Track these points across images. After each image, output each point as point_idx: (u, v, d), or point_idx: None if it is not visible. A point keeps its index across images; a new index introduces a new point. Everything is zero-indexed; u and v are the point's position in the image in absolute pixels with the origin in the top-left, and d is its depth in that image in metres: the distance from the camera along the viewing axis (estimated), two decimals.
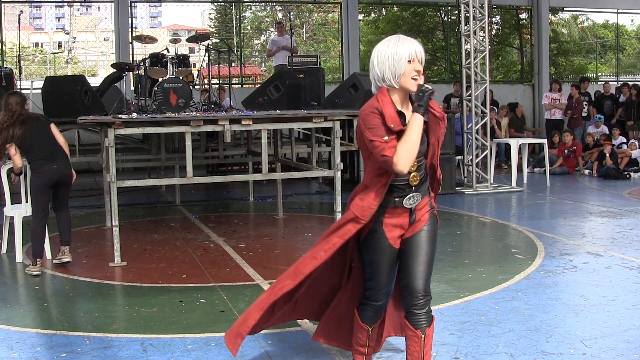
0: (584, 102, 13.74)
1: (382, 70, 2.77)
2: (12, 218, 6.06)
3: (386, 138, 2.71)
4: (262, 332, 3.90)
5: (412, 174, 2.84)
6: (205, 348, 3.66)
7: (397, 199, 2.85)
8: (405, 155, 2.70)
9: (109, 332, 3.96)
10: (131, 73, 9.42)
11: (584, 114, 13.71)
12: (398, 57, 2.73)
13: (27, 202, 5.92)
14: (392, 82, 2.77)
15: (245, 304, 4.48)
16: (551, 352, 3.51)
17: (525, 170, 11.08)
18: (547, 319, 4.04)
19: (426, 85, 2.77)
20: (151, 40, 8.77)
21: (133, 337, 3.85)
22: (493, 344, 3.63)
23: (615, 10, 18.70)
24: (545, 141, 11.25)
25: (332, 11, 26.70)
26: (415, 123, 2.74)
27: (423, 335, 2.85)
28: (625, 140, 12.64)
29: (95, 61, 34.16)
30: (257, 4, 26.22)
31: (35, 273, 5.36)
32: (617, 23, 19.79)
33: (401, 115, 2.80)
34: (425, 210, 2.94)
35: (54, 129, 5.66)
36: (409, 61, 2.74)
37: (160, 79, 7.80)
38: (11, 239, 6.39)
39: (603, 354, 3.47)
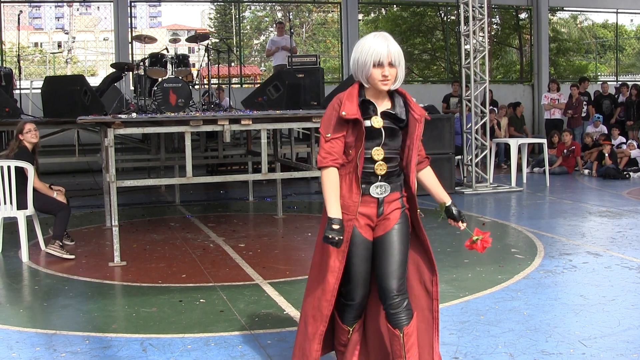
0: (584, 102, 13.76)
1: (354, 70, 2.87)
2: (12, 218, 6.07)
3: (328, 136, 2.82)
4: (262, 331, 3.91)
5: (377, 163, 2.84)
6: (205, 348, 3.66)
7: (364, 186, 2.86)
8: (322, 184, 2.84)
9: (108, 331, 3.95)
10: (131, 73, 9.42)
11: (583, 114, 13.72)
12: (364, 62, 2.79)
13: (10, 203, 5.97)
14: (364, 82, 2.86)
15: (245, 303, 4.48)
16: (551, 351, 3.51)
17: (525, 170, 11.09)
18: (547, 319, 4.04)
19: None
20: (151, 40, 8.77)
21: (133, 337, 3.85)
22: (492, 344, 3.63)
23: (615, 10, 18.72)
24: (544, 141, 11.25)
25: (332, 11, 26.70)
26: (330, 206, 2.80)
27: (402, 334, 2.83)
28: (624, 140, 12.64)
29: (94, 61, 34.15)
30: (257, 3, 26.21)
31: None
32: (617, 23, 19.81)
33: (368, 104, 2.86)
34: (395, 207, 2.91)
35: None
36: (375, 65, 2.77)
37: (159, 79, 7.80)
38: (10, 238, 6.40)
39: (602, 354, 3.47)
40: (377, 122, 2.83)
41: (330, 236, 2.75)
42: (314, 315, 2.96)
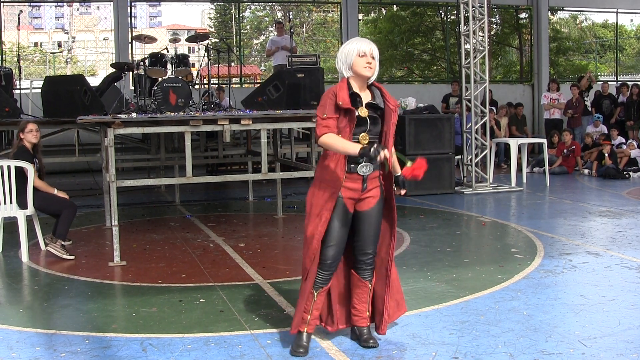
0: (584, 100, 13.76)
1: (338, 64, 3.45)
2: (12, 218, 6.07)
3: (325, 116, 3.32)
4: (262, 331, 3.91)
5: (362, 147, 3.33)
6: (205, 348, 3.66)
7: (352, 166, 3.40)
8: (327, 145, 3.32)
9: (108, 331, 3.95)
10: (131, 73, 9.41)
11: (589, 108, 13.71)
12: (348, 52, 3.39)
13: (10, 203, 5.98)
14: (345, 72, 3.42)
15: (245, 303, 4.49)
16: (550, 351, 3.51)
17: (525, 170, 11.09)
18: (547, 319, 4.04)
19: (376, 152, 3.25)
20: (151, 40, 8.76)
21: (132, 337, 3.85)
22: (492, 344, 3.63)
23: (615, 10, 18.71)
24: (544, 141, 11.25)
25: (332, 11, 26.72)
26: (350, 148, 3.28)
27: (370, 285, 3.58)
28: (624, 140, 12.65)
29: (94, 61, 34.12)
30: (257, 3, 26.20)
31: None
32: (617, 23, 19.80)
33: (356, 96, 3.40)
34: (375, 185, 3.50)
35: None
36: (360, 55, 3.36)
37: (159, 79, 7.79)
38: (10, 238, 6.41)
39: (602, 354, 3.47)
40: (363, 112, 3.39)
41: (371, 155, 3.23)
42: (302, 273, 3.49)
